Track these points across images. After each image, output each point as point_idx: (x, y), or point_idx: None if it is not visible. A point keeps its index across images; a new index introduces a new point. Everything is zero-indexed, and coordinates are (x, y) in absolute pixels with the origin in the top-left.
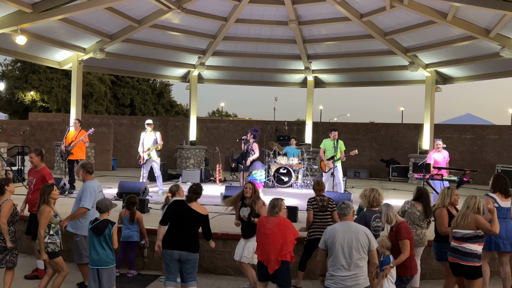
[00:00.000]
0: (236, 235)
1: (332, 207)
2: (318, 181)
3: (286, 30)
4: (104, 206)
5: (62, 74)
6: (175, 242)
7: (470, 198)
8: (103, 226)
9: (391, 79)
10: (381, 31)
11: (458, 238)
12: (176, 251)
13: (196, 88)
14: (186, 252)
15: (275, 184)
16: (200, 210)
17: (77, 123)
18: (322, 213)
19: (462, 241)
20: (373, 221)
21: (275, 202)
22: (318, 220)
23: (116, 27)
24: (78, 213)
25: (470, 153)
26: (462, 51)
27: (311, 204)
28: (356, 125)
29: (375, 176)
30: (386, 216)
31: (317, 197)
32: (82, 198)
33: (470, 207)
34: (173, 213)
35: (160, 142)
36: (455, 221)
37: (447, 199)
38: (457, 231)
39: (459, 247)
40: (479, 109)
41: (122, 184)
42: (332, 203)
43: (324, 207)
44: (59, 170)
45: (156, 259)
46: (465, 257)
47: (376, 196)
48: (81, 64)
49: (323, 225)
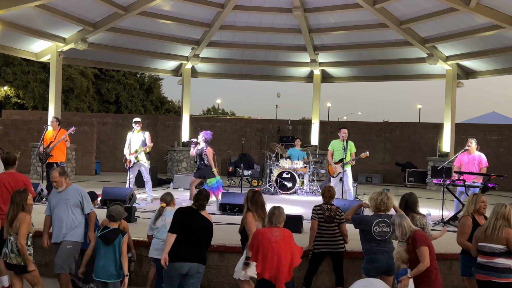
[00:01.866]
0: (233, 247)
1: (340, 219)
2: (330, 187)
3: (290, 18)
4: (118, 214)
5: (39, 67)
6: (187, 253)
7: (500, 207)
8: (113, 235)
9: (408, 73)
10: (396, 20)
11: (487, 253)
12: (187, 263)
13: (189, 83)
14: (197, 264)
15: (278, 191)
16: (210, 218)
17: (54, 121)
18: (328, 224)
19: (493, 256)
20: (375, 226)
21: (276, 211)
22: (324, 232)
23: (100, 15)
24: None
25: (496, 156)
26: (487, 42)
27: (316, 212)
28: (368, 124)
29: (390, 182)
30: (401, 227)
31: (324, 205)
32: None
33: (499, 218)
34: (185, 222)
35: (149, 143)
36: (482, 233)
37: (471, 206)
38: (485, 245)
39: (490, 263)
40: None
41: (107, 190)
42: (341, 214)
43: (331, 217)
44: (35, 174)
45: (144, 274)
46: (498, 274)
47: (384, 200)
48: (61, 56)
49: (331, 237)
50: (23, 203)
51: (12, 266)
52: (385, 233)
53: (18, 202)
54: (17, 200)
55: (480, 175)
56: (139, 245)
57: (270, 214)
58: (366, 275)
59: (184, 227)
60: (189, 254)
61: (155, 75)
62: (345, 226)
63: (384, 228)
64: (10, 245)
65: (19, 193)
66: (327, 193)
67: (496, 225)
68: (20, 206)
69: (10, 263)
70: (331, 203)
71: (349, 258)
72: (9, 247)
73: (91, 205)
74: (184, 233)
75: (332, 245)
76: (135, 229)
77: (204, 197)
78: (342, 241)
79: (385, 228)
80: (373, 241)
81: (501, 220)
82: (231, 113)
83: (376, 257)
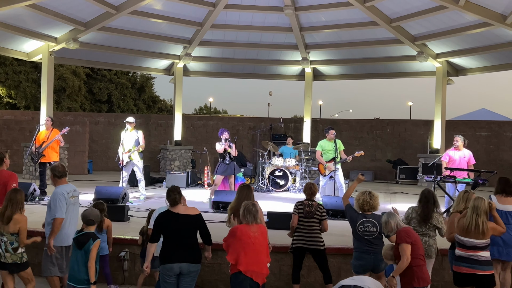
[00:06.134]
0: None
1: (321, 215)
2: (311, 184)
3: (281, 17)
4: (96, 217)
5: (31, 66)
6: (173, 254)
7: (479, 202)
8: (84, 239)
9: (398, 71)
10: (386, 18)
11: (468, 247)
12: (176, 264)
13: (181, 82)
14: (187, 264)
15: (270, 188)
16: (189, 211)
17: (48, 121)
18: (307, 219)
19: (476, 250)
20: (359, 225)
21: (252, 207)
22: (302, 227)
23: (91, 14)
24: (56, 226)
25: (486, 152)
26: (476, 39)
27: (297, 208)
28: (360, 122)
29: (381, 179)
30: (388, 225)
31: (306, 201)
32: (52, 207)
33: (480, 214)
34: (161, 227)
35: (142, 143)
36: (464, 229)
37: (462, 204)
38: (467, 240)
39: (473, 256)
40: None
41: (99, 189)
42: (321, 210)
43: (310, 213)
44: (28, 174)
45: (137, 272)
46: (482, 266)
47: (367, 199)
48: (52, 55)
49: (308, 233)
50: (19, 204)
51: (7, 265)
52: (371, 233)
53: (14, 202)
54: (12, 200)
55: (471, 171)
56: (133, 244)
57: (246, 210)
58: (354, 272)
59: (165, 232)
60: (177, 255)
61: (147, 74)
62: (326, 223)
63: (369, 228)
64: (4, 245)
65: (17, 193)
66: (308, 190)
67: (478, 222)
68: (19, 206)
69: (5, 262)
70: (312, 199)
71: (341, 254)
72: (3, 247)
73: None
74: (168, 237)
75: (308, 241)
76: (128, 227)
77: (175, 192)
78: (320, 238)
79: (371, 228)
80: (360, 239)
81: (482, 216)
82: (224, 111)
83: (362, 255)
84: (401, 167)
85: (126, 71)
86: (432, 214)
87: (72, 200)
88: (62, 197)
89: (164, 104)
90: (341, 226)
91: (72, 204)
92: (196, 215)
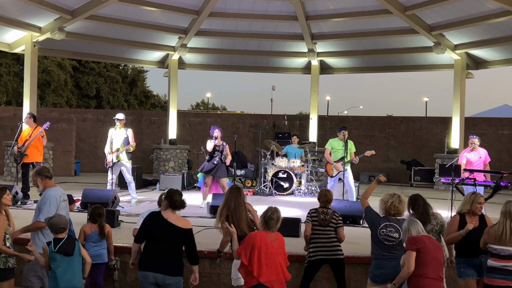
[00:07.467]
0: (225, 254)
1: (337, 223)
2: (326, 191)
3: (285, 5)
4: (66, 224)
5: (12, 59)
6: (150, 262)
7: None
8: (70, 244)
9: (413, 63)
10: (400, 5)
11: (504, 256)
12: (151, 273)
13: (176, 75)
14: (162, 276)
15: (273, 192)
16: (180, 223)
17: (28, 118)
18: (322, 228)
19: (509, 259)
20: (381, 229)
21: (273, 214)
22: (318, 237)
23: (78, 1)
24: (33, 227)
25: (509, 152)
26: (498, 29)
27: (311, 215)
28: (371, 119)
29: (394, 181)
30: (408, 232)
31: (320, 208)
32: (41, 210)
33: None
34: (148, 228)
35: (132, 142)
36: (497, 236)
37: (467, 205)
38: (501, 248)
39: (509, 266)
40: None
41: (87, 192)
42: (338, 217)
43: (326, 221)
44: (9, 175)
45: (129, 283)
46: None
47: (395, 203)
48: (36, 46)
49: (327, 242)
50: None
51: None
52: (393, 238)
53: None
54: None
55: (493, 173)
56: (123, 252)
57: (267, 217)
58: (372, 281)
59: (149, 235)
60: (154, 264)
61: (139, 67)
62: (342, 231)
63: (392, 233)
64: None
65: None
66: (323, 197)
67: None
68: None
69: None
70: (327, 207)
71: (351, 263)
72: None
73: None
74: (148, 240)
75: (328, 251)
76: (119, 234)
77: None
78: (339, 247)
79: (393, 234)
80: (381, 245)
81: None
82: (222, 107)
83: (383, 263)
84: (416, 169)
85: (116, 64)
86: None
87: (64, 204)
88: (55, 200)
89: (158, 100)
90: (351, 233)
91: (63, 209)
92: (186, 229)
